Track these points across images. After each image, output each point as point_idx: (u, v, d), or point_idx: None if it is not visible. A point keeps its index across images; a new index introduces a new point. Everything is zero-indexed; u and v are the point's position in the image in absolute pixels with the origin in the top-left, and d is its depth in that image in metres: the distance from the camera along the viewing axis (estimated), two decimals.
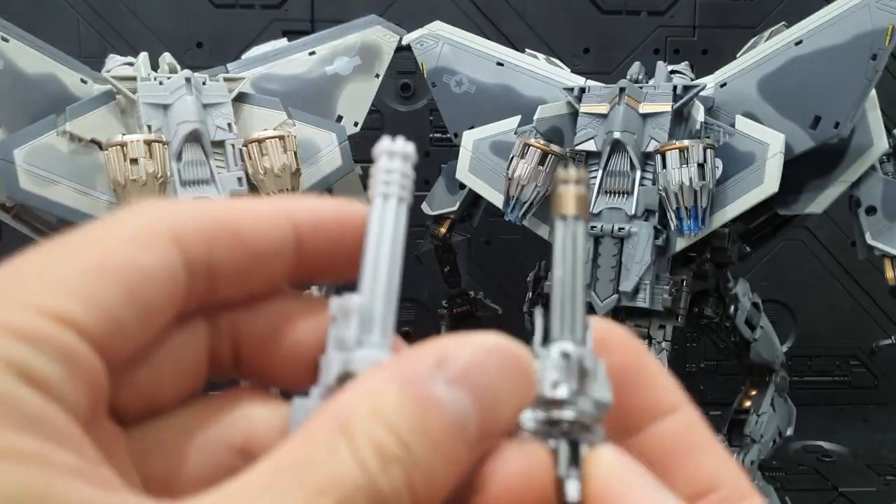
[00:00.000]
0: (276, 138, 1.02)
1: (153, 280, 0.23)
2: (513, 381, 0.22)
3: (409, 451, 0.20)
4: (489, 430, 0.22)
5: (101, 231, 0.23)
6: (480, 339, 0.23)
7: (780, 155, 0.93)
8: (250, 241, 0.25)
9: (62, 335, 0.20)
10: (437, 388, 0.21)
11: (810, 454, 1.40)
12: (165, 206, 0.25)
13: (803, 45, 0.96)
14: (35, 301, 0.21)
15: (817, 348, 1.53)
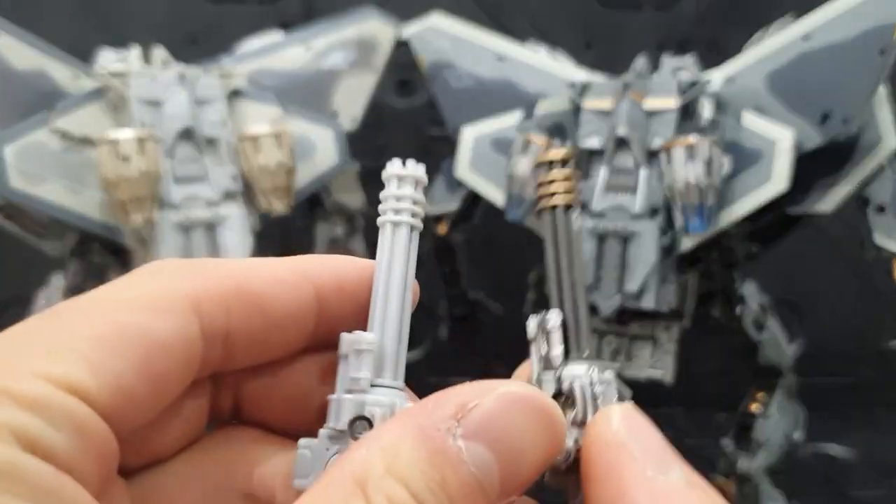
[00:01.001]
0: (270, 135, 1.01)
1: (168, 350, 0.22)
2: (537, 435, 0.22)
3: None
4: (511, 486, 0.22)
5: (117, 294, 0.23)
6: (503, 388, 0.22)
7: (789, 152, 0.91)
8: (271, 309, 0.25)
9: (72, 405, 0.20)
10: (456, 443, 0.21)
11: (819, 458, 1.39)
12: (186, 269, 0.24)
13: (812, 41, 0.95)
14: (44, 369, 0.20)
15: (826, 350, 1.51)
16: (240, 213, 1.01)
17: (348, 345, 0.25)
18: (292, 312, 0.26)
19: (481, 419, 0.21)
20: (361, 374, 0.25)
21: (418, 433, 0.21)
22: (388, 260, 0.26)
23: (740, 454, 1.09)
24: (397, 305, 0.26)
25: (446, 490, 0.20)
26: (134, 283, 0.24)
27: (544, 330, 0.26)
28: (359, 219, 1.21)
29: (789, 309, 1.38)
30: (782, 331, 1.10)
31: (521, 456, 0.22)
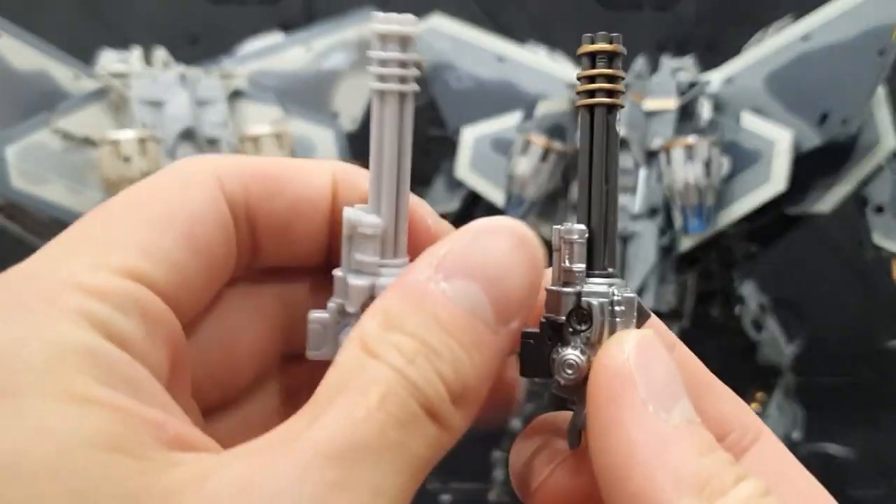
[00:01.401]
0: (271, 135, 1.01)
1: (206, 223, 0.23)
2: (513, 255, 0.23)
3: (426, 344, 0.21)
4: (505, 308, 0.22)
5: (151, 183, 0.24)
6: (469, 225, 0.23)
7: (787, 153, 0.91)
8: (289, 189, 0.25)
9: (138, 292, 0.21)
10: (438, 286, 0.22)
11: (817, 457, 1.39)
12: (207, 157, 0.25)
13: (811, 41, 0.95)
14: (105, 260, 0.21)
15: (825, 350, 1.51)
16: None
17: (350, 225, 0.25)
18: (311, 196, 0.26)
19: (455, 258, 0.22)
20: (368, 258, 0.24)
21: (402, 289, 0.22)
22: (379, 133, 0.24)
23: None
24: (391, 181, 0.25)
25: (442, 326, 0.21)
26: (164, 172, 0.25)
27: (567, 241, 0.25)
28: None
29: (788, 309, 1.38)
30: (781, 331, 1.10)
31: (505, 279, 0.22)
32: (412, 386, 0.20)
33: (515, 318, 0.23)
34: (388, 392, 0.20)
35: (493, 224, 0.23)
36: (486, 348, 0.22)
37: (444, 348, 0.21)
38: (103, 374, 0.19)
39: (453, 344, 0.21)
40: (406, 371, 0.21)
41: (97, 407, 0.18)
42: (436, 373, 0.21)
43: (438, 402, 0.21)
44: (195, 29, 1.46)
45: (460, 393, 0.21)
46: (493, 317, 0.22)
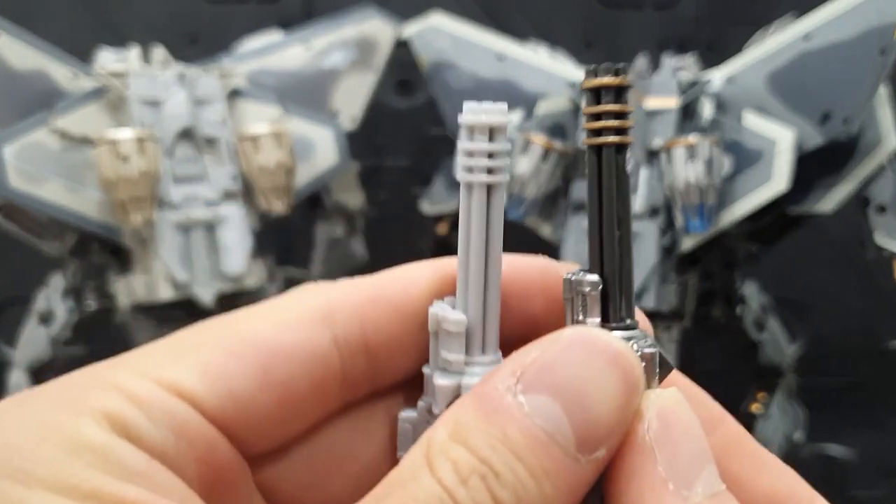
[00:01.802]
0: (270, 134, 1.00)
1: (293, 360, 0.22)
2: (606, 377, 0.20)
3: (489, 465, 0.19)
4: (589, 436, 0.20)
5: (253, 311, 0.24)
6: (555, 335, 0.21)
7: (789, 152, 0.91)
8: (405, 310, 0.24)
9: (173, 406, 0.21)
10: (516, 399, 0.20)
11: (819, 458, 1.39)
12: (322, 286, 0.24)
13: (812, 40, 0.94)
14: (155, 372, 0.21)
15: (827, 350, 1.51)
16: (239, 214, 1.01)
17: (436, 322, 0.24)
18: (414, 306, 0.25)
19: (540, 369, 0.20)
20: (453, 357, 0.23)
21: (477, 398, 0.21)
22: (466, 224, 0.23)
23: None
24: (478, 274, 0.23)
25: (509, 445, 0.19)
26: (276, 301, 0.24)
27: (579, 293, 0.23)
28: (359, 219, 1.21)
29: (790, 309, 1.38)
30: (783, 331, 1.10)
31: (593, 401, 0.20)
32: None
33: (602, 447, 0.20)
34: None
35: (586, 335, 0.21)
36: (561, 477, 0.20)
37: (506, 471, 0.19)
38: (115, 470, 0.19)
39: (520, 468, 0.19)
40: (455, 492, 0.19)
41: (106, 502, 0.18)
42: (490, 497, 0.19)
43: None
44: (194, 28, 1.45)
45: None
46: (574, 442, 0.20)
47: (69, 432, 0.19)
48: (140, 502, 0.19)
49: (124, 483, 0.19)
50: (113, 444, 0.19)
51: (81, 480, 0.18)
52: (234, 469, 0.23)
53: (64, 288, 1.05)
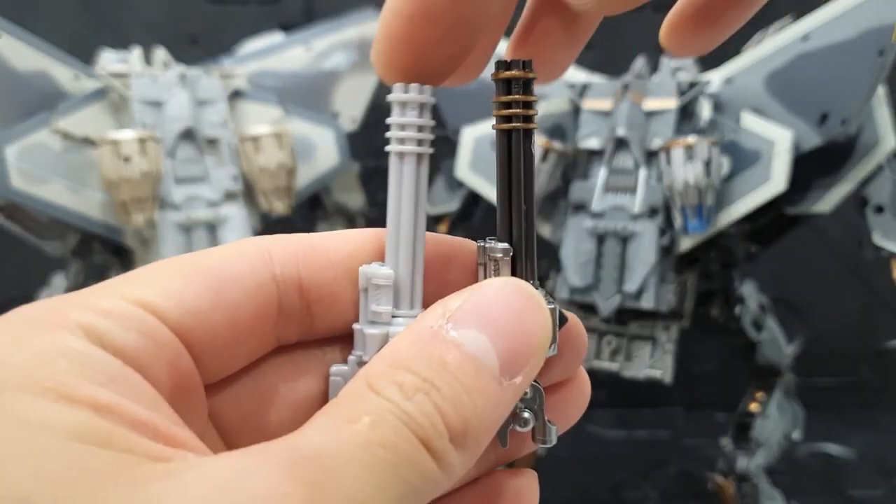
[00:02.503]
0: (271, 135, 1.01)
1: (240, 285, 0.25)
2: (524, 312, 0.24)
3: (430, 383, 0.22)
4: (513, 364, 0.23)
5: (204, 251, 0.26)
6: (484, 282, 0.25)
7: (787, 152, 0.91)
8: (332, 255, 0.27)
9: (141, 315, 0.23)
10: (448, 333, 0.23)
11: (817, 457, 1.39)
12: (264, 237, 0.28)
13: (810, 41, 0.94)
14: (123, 292, 0.23)
15: (825, 350, 1.51)
16: (240, 214, 1.01)
17: (365, 279, 0.26)
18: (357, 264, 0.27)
19: (467, 309, 0.23)
20: (381, 308, 0.26)
21: (412, 334, 0.23)
22: (397, 192, 0.26)
23: (739, 453, 1.09)
24: (408, 236, 0.26)
25: (447, 367, 0.22)
26: (224, 245, 0.27)
27: (492, 258, 0.27)
28: (359, 219, 1.21)
29: (788, 309, 1.38)
30: (781, 331, 1.10)
31: (514, 333, 0.23)
32: (407, 416, 0.21)
33: (520, 374, 0.24)
34: (380, 419, 0.21)
35: (506, 282, 0.25)
36: (490, 396, 0.23)
37: (446, 387, 0.22)
38: (91, 374, 0.20)
39: (457, 385, 0.22)
40: (402, 404, 0.21)
41: (79, 403, 0.19)
42: (435, 408, 0.21)
43: (436, 435, 0.21)
44: (195, 29, 1.46)
45: (461, 432, 0.22)
46: (498, 368, 0.23)
47: (46, 342, 0.20)
48: (112, 405, 0.19)
49: (98, 387, 0.20)
50: (88, 350, 0.21)
51: (56, 384, 0.19)
52: (194, 382, 0.24)
53: (66, 288, 1.05)
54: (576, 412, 0.30)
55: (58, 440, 0.18)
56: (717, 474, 1.13)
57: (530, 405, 0.27)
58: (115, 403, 0.20)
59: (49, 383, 0.19)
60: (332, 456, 0.19)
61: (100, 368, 0.20)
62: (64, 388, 0.19)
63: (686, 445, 1.44)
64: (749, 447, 1.08)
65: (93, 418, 0.19)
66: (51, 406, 0.19)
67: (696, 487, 1.24)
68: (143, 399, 0.21)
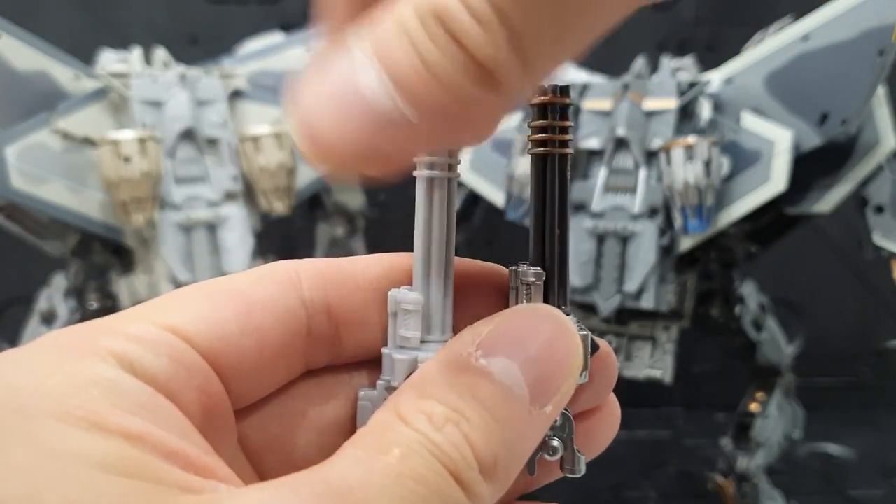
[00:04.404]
0: (271, 135, 1.01)
1: (268, 309, 0.25)
2: (553, 340, 0.23)
3: (460, 413, 0.21)
4: (543, 392, 0.23)
5: (231, 276, 0.26)
6: (509, 310, 0.24)
7: (787, 152, 0.91)
8: (360, 280, 0.27)
9: (171, 340, 0.23)
10: (479, 361, 0.22)
11: (817, 457, 1.39)
12: (291, 261, 0.27)
13: (810, 41, 0.94)
14: (153, 318, 0.23)
15: (825, 350, 1.51)
16: (240, 214, 1.01)
17: (394, 303, 0.26)
18: (386, 288, 0.27)
19: (497, 336, 0.23)
20: (410, 334, 0.26)
21: (441, 363, 0.23)
22: (425, 216, 0.26)
23: (739, 453, 1.09)
24: (439, 261, 0.26)
25: (477, 397, 0.22)
26: (254, 268, 0.27)
27: (524, 283, 0.26)
28: (359, 219, 1.21)
29: (788, 309, 1.38)
30: (781, 331, 1.10)
31: (544, 361, 0.23)
32: (437, 448, 0.21)
33: (550, 403, 0.23)
34: (410, 451, 0.20)
35: (536, 308, 0.25)
36: (520, 426, 0.22)
37: (476, 417, 0.22)
38: (122, 403, 0.20)
39: (486, 416, 0.22)
40: (432, 435, 0.21)
41: (110, 432, 0.19)
42: (464, 439, 0.21)
43: (465, 467, 0.21)
44: (195, 29, 1.46)
45: (491, 463, 0.21)
46: (528, 397, 0.23)
47: (77, 369, 0.20)
48: (143, 434, 0.19)
49: (130, 415, 0.20)
50: (119, 378, 0.21)
51: (88, 412, 0.19)
52: (224, 407, 0.24)
53: (66, 288, 1.05)
54: (605, 439, 0.29)
55: (88, 470, 0.18)
56: (717, 474, 1.13)
57: (559, 433, 0.26)
58: (147, 432, 0.20)
59: (80, 412, 0.19)
60: (363, 489, 0.19)
61: (131, 396, 0.20)
62: (95, 416, 0.19)
63: (686, 445, 1.44)
64: (749, 447, 1.08)
65: (124, 447, 0.19)
66: (82, 435, 0.19)
67: (696, 487, 1.24)
68: (173, 427, 0.21)
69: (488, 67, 0.18)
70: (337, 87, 0.19)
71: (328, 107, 0.19)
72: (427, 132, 0.19)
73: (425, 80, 0.18)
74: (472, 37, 0.18)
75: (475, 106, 0.19)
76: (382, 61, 0.18)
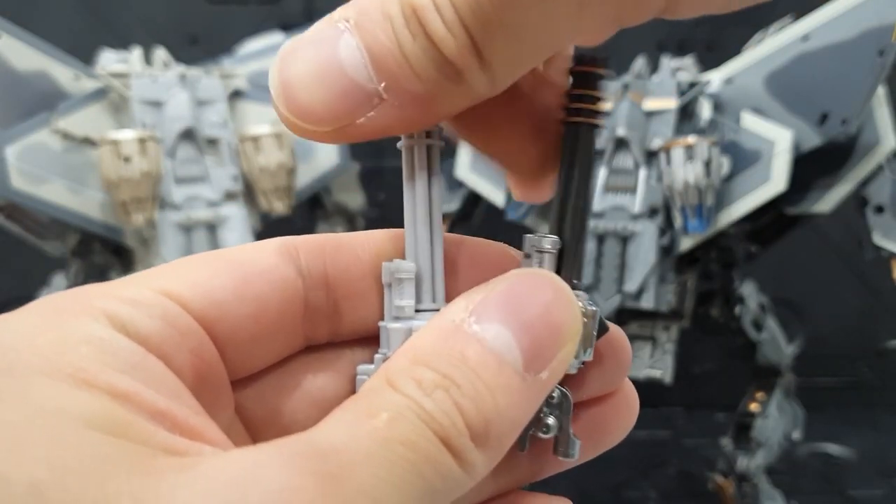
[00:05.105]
0: (271, 135, 1.01)
1: (265, 278, 0.25)
2: (549, 305, 0.23)
3: (450, 380, 0.21)
4: (537, 357, 0.22)
5: (231, 247, 0.26)
6: (509, 273, 0.24)
7: (787, 152, 0.91)
8: (359, 252, 0.27)
9: (165, 303, 0.23)
10: (471, 327, 0.22)
11: (817, 457, 1.39)
12: (290, 237, 0.27)
13: (810, 41, 0.94)
14: (149, 283, 0.23)
15: (825, 350, 1.52)
16: (240, 214, 1.01)
17: (389, 274, 0.26)
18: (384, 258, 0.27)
19: (491, 302, 0.23)
20: (405, 302, 0.26)
21: (434, 329, 0.23)
22: (411, 185, 0.26)
23: (739, 453, 1.09)
24: (425, 228, 0.26)
25: (468, 364, 0.21)
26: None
27: (540, 250, 0.26)
28: (359, 219, 1.21)
29: (788, 309, 1.39)
30: (781, 331, 1.10)
31: (538, 327, 0.22)
32: (427, 414, 0.20)
33: (546, 369, 0.23)
34: (399, 415, 0.20)
35: (532, 274, 0.24)
36: (512, 393, 0.22)
37: (467, 384, 0.21)
38: (112, 361, 0.20)
39: (478, 382, 0.21)
40: (421, 401, 0.21)
41: (98, 390, 0.19)
42: (455, 405, 0.21)
43: (456, 434, 0.21)
44: (195, 29, 1.46)
45: (482, 431, 0.21)
46: (522, 363, 0.22)
47: (69, 328, 0.20)
48: (131, 393, 0.19)
49: (119, 374, 0.20)
50: (111, 337, 0.21)
51: (77, 369, 0.19)
52: (219, 373, 0.24)
53: (66, 287, 1.05)
54: (618, 429, 0.28)
55: (73, 428, 0.18)
56: (717, 474, 1.13)
57: (555, 412, 0.26)
58: (135, 391, 0.20)
59: (70, 369, 0.19)
60: (349, 451, 0.19)
61: (121, 355, 0.20)
62: (84, 373, 0.19)
63: (686, 445, 1.44)
64: (749, 447, 1.08)
65: (111, 406, 0.19)
66: (70, 392, 0.19)
67: (696, 487, 1.24)
68: (163, 387, 0.21)
69: (456, 66, 0.21)
70: (317, 52, 0.21)
71: (306, 70, 0.21)
72: (396, 110, 0.21)
73: (401, 64, 0.21)
74: (441, 37, 0.21)
75: (443, 95, 0.22)
76: (363, 38, 0.21)
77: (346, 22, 0.21)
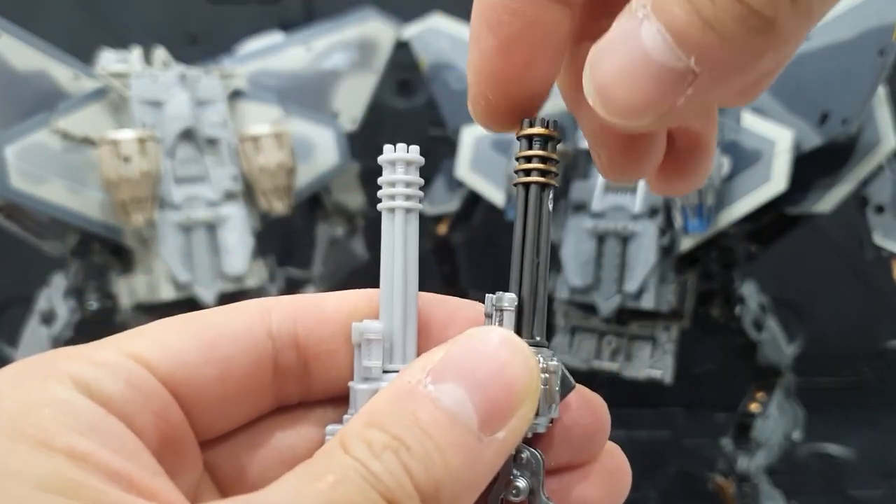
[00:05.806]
0: (271, 135, 1.01)
1: (235, 341, 0.25)
2: (506, 365, 0.23)
3: (400, 441, 0.21)
4: (492, 416, 0.22)
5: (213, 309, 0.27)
6: (461, 335, 0.24)
7: (787, 152, 0.91)
8: (331, 313, 0.27)
9: (131, 366, 0.23)
10: (426, 388, 0.22)
11: (818, 457, 1.39)
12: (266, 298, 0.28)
13: (810, 41, 0.94)
14: (119, 345, 0.24)
15: (825, 350, 1.51)
16: (240, 214, 1.01)
17: (358, 334, 0.26)
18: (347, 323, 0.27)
19: (446, 362, 0.23)
20: (372, 363, 0.26)
21: (391, 390, 0.23)
22: (389, 246, 0.27)
23: (740, 454, 1.09)
24: (400, 289, 0.26)
25: (420, 424, 0.21)
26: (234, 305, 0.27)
27: (498, 308, 0.26)
28: (359, 219, 1.21)
29: (788, 309, 1.38)
30: (781, 331, 1.10)
31: (493, 386, 0.22)
32: (373, 476, 0.20)
33: (503, 428, 0.22)
34: (344, 477, 0.20)
35: (486, 332, 0.24)
36: (466, 453, 0.22)
37: (416, 445, 0.21)
38: (73, 423, 0.20)
39: (429, 443, 0.21)
40: (369, 462, 0.21)
41: (56, 451, 0.19)
42: (402, 467, 0.21)
43: (403, 496, 0.20)
44: (195, 29, 1.45)
45: (432, 492, 0.21)
46: (477, 423, 0.22)
47: (34, 390, 0.21)
48: (88, 453, 0.20)
49: (78, 435, 0.20)
50: (73, 398, 0.21)
51: (39, 430, 0.20)
52: (185, 434, 0.25)
53: (66, 288, 1.05)
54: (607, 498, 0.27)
55: (27, 489, 0.18)
56: (717, 474, 1.13)
57: (525, 473, 0.25)
58: (91, 452, 0.20)
59: (32, 430, 0.20)
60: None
61: (83, 417, 0.21)
62: (44, 435, 0.20)
63: (686, 445, 1.44)
64: (749, 447, 1.08)
65: (67, 467, 0.19)
66: (28, 454, 0.19)
67: (696, 487, 1.24)
68: (122, 448, 0.21)
69: (765, 14, 0.20)
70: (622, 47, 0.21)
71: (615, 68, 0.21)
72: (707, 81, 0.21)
73: (704, 31, 0.20)
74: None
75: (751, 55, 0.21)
76: (662, 18, 0.20)
77: (644, 8, 0.21)
